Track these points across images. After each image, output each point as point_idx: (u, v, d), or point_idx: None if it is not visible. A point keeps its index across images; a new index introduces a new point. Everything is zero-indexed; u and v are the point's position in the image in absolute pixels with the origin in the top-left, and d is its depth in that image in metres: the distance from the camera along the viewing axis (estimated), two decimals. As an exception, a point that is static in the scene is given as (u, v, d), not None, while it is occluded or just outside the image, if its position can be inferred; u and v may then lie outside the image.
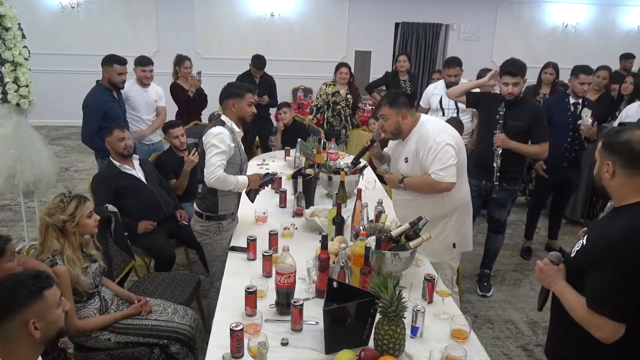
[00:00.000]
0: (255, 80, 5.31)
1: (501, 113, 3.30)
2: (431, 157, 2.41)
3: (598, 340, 1.51)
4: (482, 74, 5.07)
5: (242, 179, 2.68)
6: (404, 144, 2.58)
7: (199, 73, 5.17)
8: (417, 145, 2.48)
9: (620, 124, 3.78)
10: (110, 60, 3.84)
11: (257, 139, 5.64)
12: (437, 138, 2.41)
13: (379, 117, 2.59)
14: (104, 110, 3.79)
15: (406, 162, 2.56)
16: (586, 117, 3.78)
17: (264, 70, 5.37)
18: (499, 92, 3.48)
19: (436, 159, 2.40)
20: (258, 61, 5.27)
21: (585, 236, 1.63)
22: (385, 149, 2.84)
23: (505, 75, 3.27)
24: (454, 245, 2.62)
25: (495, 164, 3.32)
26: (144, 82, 4.30)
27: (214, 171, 2.52)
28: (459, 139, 2.52)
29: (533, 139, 3.35)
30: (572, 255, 1.65)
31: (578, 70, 3.86)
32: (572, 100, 3.88)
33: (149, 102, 4.36)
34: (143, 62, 4.29)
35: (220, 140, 2.55)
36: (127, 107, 4.29)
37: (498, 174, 3.33)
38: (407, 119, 2.49)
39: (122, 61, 3.87)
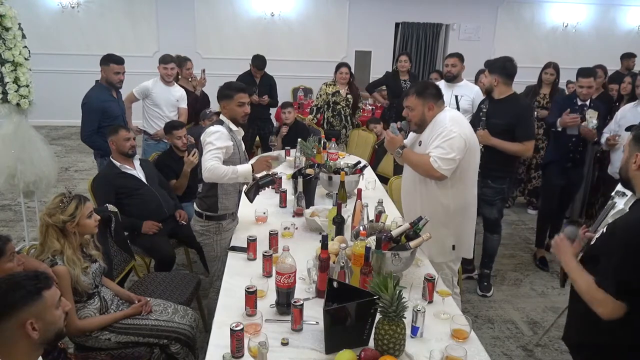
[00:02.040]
0: (256, 80, 5.32)
1: (484, 110, 3.29)
2: (437, 142, 2.36)
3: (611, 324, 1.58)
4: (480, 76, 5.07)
5: (243, 167, 2.60)
6: (422, 135, 2.55)
7: (203, 71, 5.17)
8: (431, 131, 2.45)
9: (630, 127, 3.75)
10: (107, 60, 3.88)
11: (257, 138, 5.64)
12: (451, 127, 2.37)
13: (405, 107, 2.53)
14: (102, 109, 3.81)
15: (420, 145, 2.54)
16: (590, 119, 3.74)
17: (265, 71, 5.37)
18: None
19: (440, 146, 2.35)
20: (258, 61, 5.27)
21: (606, 226, 1.70)
22: (405, 141, 2.75)
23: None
24: (453, 247, 2.62)
25: None
26: (166, 80, 4.47)
27: (205, 164, 2.52)
28: (473, 138, 2.47)
29: (516, 138, 3.30)
30: (592, 243, 1.73)
31: (578, 74, 3.87)
32: (579, 102, 3.84)
33: (171, 100, 4.54)
34: (165, 60, 4.49)
35: (217, 137, 2.56)
36: (150, 103, 4.46)
37: (479, 170, 3.33)
38: (434, 110, 2.45)
39: (119, 60, 3.89)
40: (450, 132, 2.35)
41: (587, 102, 3.84)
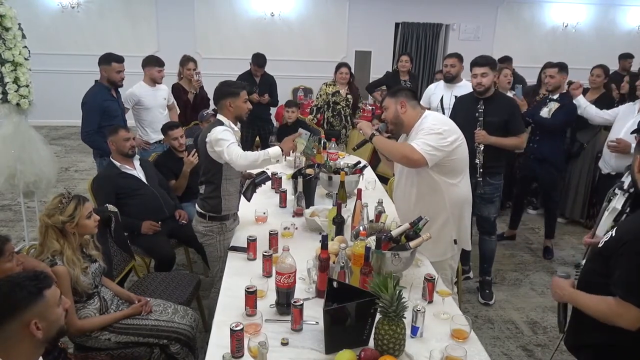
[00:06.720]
0: (256, 79, 5.32)
1: (480, 110, 3.35)
2: (421, 134, 2.41)
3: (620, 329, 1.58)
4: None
5: (272, 149, 2.62)
6: (408, 140, 2.57)
7: (198, 73, 5.15)
8: (416, 134, 2.48)
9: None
10: (108, 59, 3.87)
11: (257, 138, 5.64)
12: (433, 127, 2.41)
13: (382, 110, 2.64)
14: (102, 109, 3.80)
15: None
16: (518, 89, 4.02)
17: (264, 70, 5.37)
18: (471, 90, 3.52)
19: (424, 137, 2.38)
20: (259, 59, 5.27)
21: (615, 228, 1.71)
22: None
23: (474, 67, 3.35)
24: (455, 241, 2.62)
25: (477, 160, 3.35)
26: (157, 82, 4.41)
27: (232, 154, 2.49)
28: (459, 134, 2.50)
29: (511, 132, 3.37)
30: (600, 245, 1.73)
31: (544, 66, 4.37)
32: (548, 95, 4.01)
33: (161, 101, 4.48)
34: (159, 62, 4.42)
35: (228, 135, 2.55)
36: (140, 109, 4.35)
37: (481, 170, 3.37)
38: (406, 108, 2.50)
39: (120, 59, 3.89)
40: (433, 130, 2.40)
41: (554, 97, 4.02)
